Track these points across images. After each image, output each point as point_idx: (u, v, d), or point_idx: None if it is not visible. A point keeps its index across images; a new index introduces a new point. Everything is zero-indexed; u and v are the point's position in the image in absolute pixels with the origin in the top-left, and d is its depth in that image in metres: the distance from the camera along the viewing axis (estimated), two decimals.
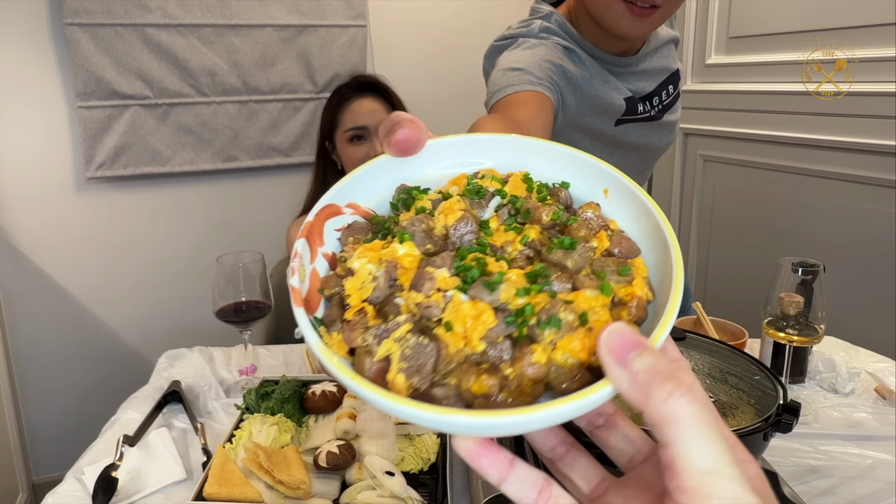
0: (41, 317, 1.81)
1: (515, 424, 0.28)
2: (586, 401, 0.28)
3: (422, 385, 0.30)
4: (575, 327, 0.30)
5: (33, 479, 1.90)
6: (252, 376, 1.05)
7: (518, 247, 0.34)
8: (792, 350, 0.98)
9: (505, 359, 0.30)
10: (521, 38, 0.99)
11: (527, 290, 0.31)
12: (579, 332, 0.30)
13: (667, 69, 1.08)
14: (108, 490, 0.77)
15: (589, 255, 0.33)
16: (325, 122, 1.39)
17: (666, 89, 1.09)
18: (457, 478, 0.81)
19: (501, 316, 0.30)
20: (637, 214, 0.36)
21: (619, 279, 0.32)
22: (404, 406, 0.27)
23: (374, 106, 1.35)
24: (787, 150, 1.71)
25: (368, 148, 1.32)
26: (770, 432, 0.66)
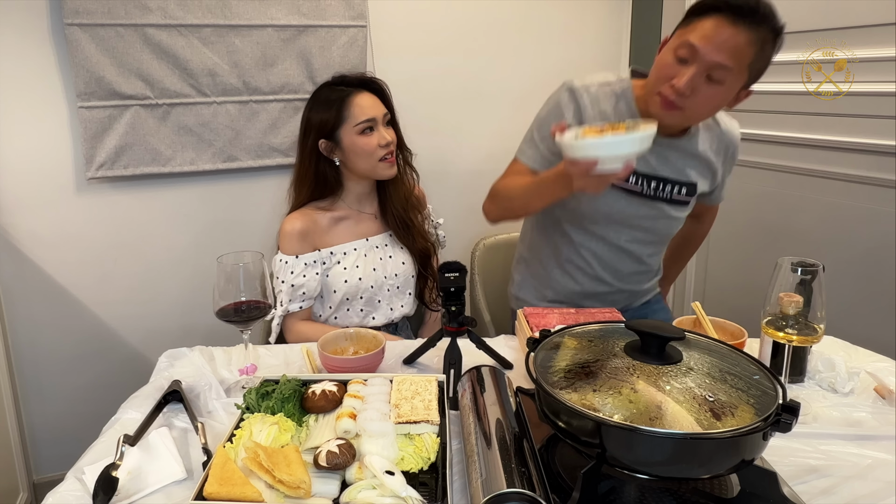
0: (41, 317, 1.81)
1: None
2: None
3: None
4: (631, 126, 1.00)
5: (34, 478, 1.90)
6: (252, 376, 1.05)
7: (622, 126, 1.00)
8: (791, 350, 0.98)
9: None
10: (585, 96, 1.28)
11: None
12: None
13: (685, 175, 1.30)
14: (109, 490, 0.77)
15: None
16: (326, 121, 1.39)
17: (676, 186, 1.30)
18: (457, 477, 0.81)
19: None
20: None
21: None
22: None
23: (374, 99, 1.41)
24: (788, 150, 1.72)
25: (378, 137, 1.39)
26: (769, 432, 0.66)
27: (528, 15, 2.13)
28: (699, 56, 1.08)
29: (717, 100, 1.14)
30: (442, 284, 1.05)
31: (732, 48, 1.07)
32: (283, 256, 1.41)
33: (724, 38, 1.07)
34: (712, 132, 1.33)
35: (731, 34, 1.06)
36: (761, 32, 1.08)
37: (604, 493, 0.74)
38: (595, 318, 1.18)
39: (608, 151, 0.95)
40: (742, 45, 1.07)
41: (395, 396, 0.90)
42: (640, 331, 0.76)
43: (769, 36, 1.10)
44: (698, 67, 1.09)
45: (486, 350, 1.13)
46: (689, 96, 1.11)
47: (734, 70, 1.09)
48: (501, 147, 2.22)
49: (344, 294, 1.43)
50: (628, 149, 0.95)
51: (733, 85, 1.13)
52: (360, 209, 1.50)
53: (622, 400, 0.69)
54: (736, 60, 1.08)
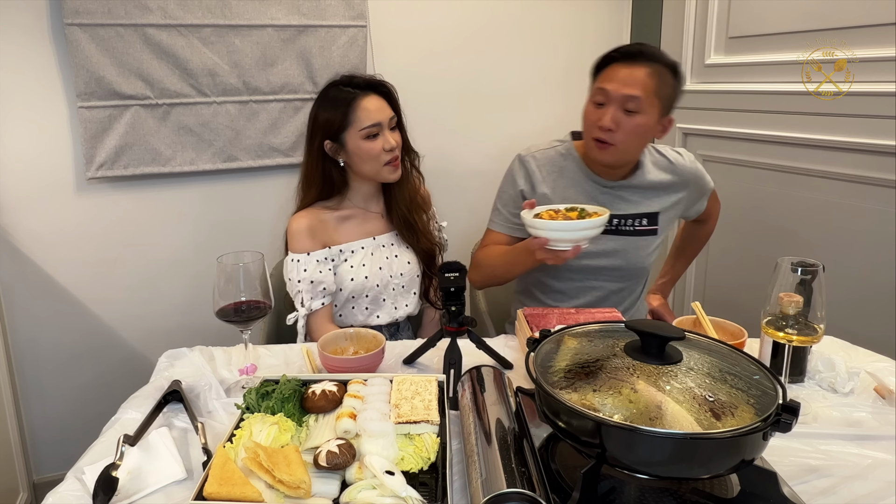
0: (41, 317, 1.81)
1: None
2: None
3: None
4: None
5: (34, 478, 1.90)
6: (252, 376, 1.05)
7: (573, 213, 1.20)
8: (791, 350, 0.98)
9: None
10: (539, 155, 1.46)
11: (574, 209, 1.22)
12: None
13: (643, 207, 1.43)
14: (109, 489, 0.77)
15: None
16: (332, 123, 1.38)
17: (637, 219, 1.43)
18: (457, 477, 0.81)
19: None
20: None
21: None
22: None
23: (381, 103, 1.40)
24: (788, 150, 1.71)
25: (383, 141, 1.38)
26: (769, 432, 0.66)
27: (528, 15, 2.13)
28: (611, 95, 1.28)
29: (641, 129, 1.30)
30: (442, 284, 1.05)
31: (635, 81, 1.26)
32: (295, 255, 1.40)
33: (626, 75, 1.27)
34: (660, 166, 1.46)
35: (630, 71, 1.27)
36: (655, 67, 1.28)
37: (604, 493, 0.74)
38: (595, 318, 1.18)
39: (556, 235, 1.11)
40: (642, 77, 1.26)
41: (395, 396, 0.90)
42: (640, 331, 0.76)
43: (665, 70, 1.29)
44: (614, 104, 1.28)
45: (486, 350, 1.13)
46: (615, 131, 1.28)
47: (644, 98, 1.26)
48: (501, 147, 2.23)
49: (350, 292, 1.44)
50: (573, 235, 1.11)
51: (650, 112, 1.29)
52: (366, 208, 1.50)
53: (622, 400, 0.69)
54: (642, 90, 1.26)
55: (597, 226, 1.13)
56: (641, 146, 1.37)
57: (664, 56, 1.31)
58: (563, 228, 1.11)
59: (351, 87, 1.40)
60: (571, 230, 1.11)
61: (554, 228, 1.11)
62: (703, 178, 1.51)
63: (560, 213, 1.19)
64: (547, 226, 1.12)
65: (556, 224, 1.12)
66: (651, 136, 1.34)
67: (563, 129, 1.54)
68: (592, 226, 1.12)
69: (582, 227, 1.11)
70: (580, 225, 1.11)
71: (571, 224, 1.11)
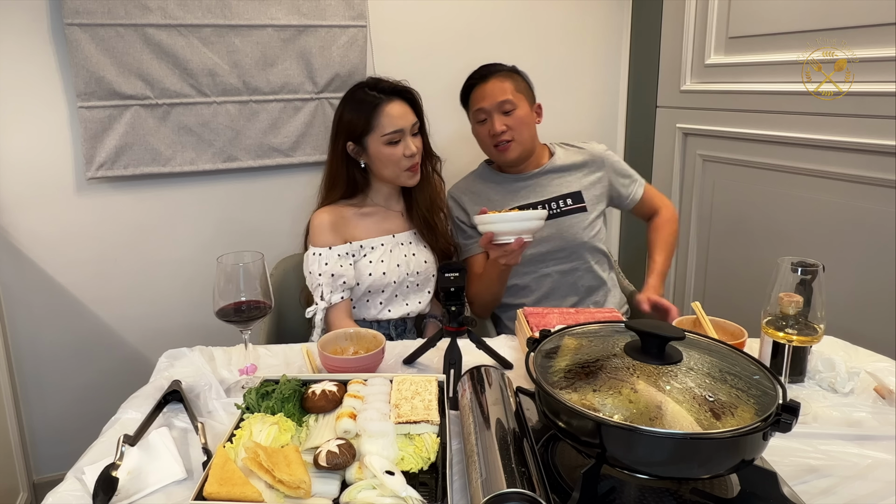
0: (41, 316, 1.81)
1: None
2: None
3: None
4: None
5: (34, 478, 1.90)
6: (252, 376, 1.05)
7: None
8: (791, 350, 0.98)
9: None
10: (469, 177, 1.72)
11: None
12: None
13: (563, 188, 1.60)
14: (109, 490, 0.77)
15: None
16: (355, 125, 1.41)
17: (560, 200, 1.59)
18: (457, 477, 0.81)
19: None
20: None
21: None
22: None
23: (405, 109, 1.43)
24: (787, 150, 1.71)
25: (404, 147, 1.41)
26: (769, 432, 0.66)
27: (528, 15, 2.13)
28: (487, 108, 1.53)
29: (523, 118, 1.54)
30: (442, 284, 1.05)
31: (499, 89, 1.53)
32: (316, 249, 1.42)
33: (490, 89, 1.53)
34: (570, 153, 1.66)
35: (490, 85, 1.54)
36: (503, 74, 1.56)
37: (604, 493, 0.74)
38: (595, 318, 1.18)
39: (498, 227, 1.25)
40: (501, 85, 1.53)
41: (395, 396, 0.90)
42: (640, 331, 0.76)
43: (510, 73, 1.57)
44: (493, 113, 1.53)
45: (486, 350, 1.13)
46: (506, 131, 1.52)
47: (512, 98, 1.52)
48: None
49: (368, 287, 1.45)
50: (511, 226, 1.25)
51: (522, 105, 1.54)
52: (387, 206, 1.53)
53: (622, 400, 0.69)
54: (508, 93, 1.52)
55: (533, 217, 1.25)
56: (532, 132, 1.58)
57: (503, 65, 1.59)
58: (502, 220, 1.25)
59: (377, 91, 1.42)
60: (509, 221, 1.25)
61: (493, 221, 1.25)
62: (618, 161, 1.68)
63: (504, 211, 1.33)
64: (487, 219, 1.25)
65: (496, 217, 1.25)
66: (533, 122, 1.57)
67: (561, 128, 1.56)
68: (528, 217, 1.25)
69: (519, 218, 1.25)
70: (517, 216, 1.25)
71: (509, 215, 1.25)
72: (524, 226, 1.25)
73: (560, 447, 0.84)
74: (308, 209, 1.52)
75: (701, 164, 2.04)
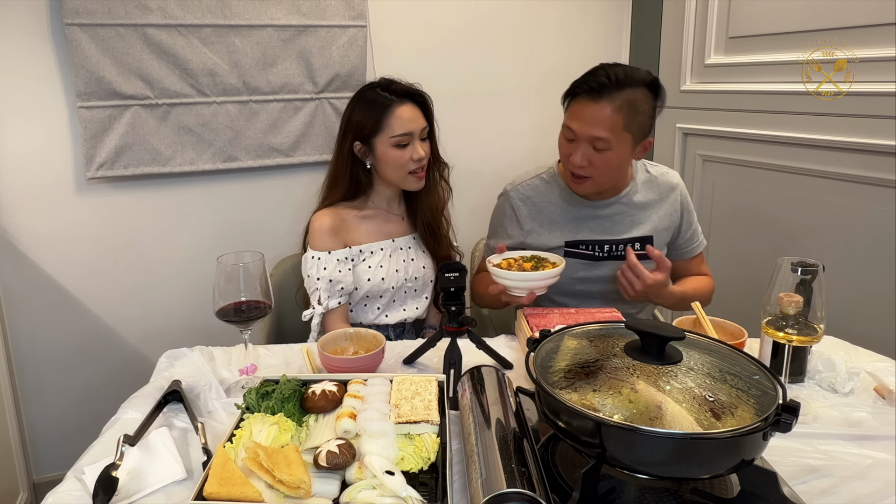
0: (41, 316, 1.81)
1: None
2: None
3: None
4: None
5: (34, 478, 1.90)
6: (252, 376, 1.05)
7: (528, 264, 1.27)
8: (791, 350, 0.98)
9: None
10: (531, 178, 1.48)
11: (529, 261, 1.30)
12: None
13: (635, 230, 1.41)
14: (109, 490, 0.77)
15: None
16: (364, 125, 1.39)
17: (629, 244, 1.39)
18: (457, 477, 0.81)
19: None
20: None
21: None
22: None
23: (415, 112, 1.41)
24: (788, 150, 1.71)
25: (412, 151, 1.39)
26: (769, 432, 0.66)
27: (528, 15, 2.13)
28: (577, 134, 1.27)
29: (614, 162, 1.28)
30: (442, 284, 1.05)
31: (600, 121, 1.23)
32: (315, 253, 1.41)
33: (591, 115, 1.24)
34: (650, 183, 1.45)
35: (594, 110, 1.23)
36: (624, 96, 1.22)
37: (604, 493, 0.74)
38: (595, 318, 1.18)
39: (510, 283, 1.21)
40: (607, 115, 1.23)
41: (395, 396, 0.90)
42: (640, 331, 0.76)
43: (637, 94, 1.23)
44: (582, 143, 1.27)
45: (486, 350, 1.13)
46: (587, 167, 1.28)
47: (611, 138, 1.24)
48: (501, 147, 2.23)
49: (366, 292, 1.45)
50: (525, 284, 1.21)
51: (621, 146, 1.26)
52: (388, 210, 1.51)
53: (622, 400, 0.69)
54: (608, 130, 1.23)
55: (546, 278, 1.20)
56: (619, 176, 1.37)
57: (635, 77, 1.24)
58: (515, 279, 1.20)
59: (388, 92, 1.40)
60: (524, 280, 1.20)
61: (507, 278, 1.20)
62: (690, 204, 1.48)
63: (517, 263, 1.27)
64: (501, 275, 1.21)
65: (509, 274, 1.20)
66: (628, 163, 1.35)
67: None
68: (541, 278, 1.20)
69: (531, 279, 1.20)
70: (530, 276, 1.20)
71: (523, 275, 1.20)
72: (539, 285, 1.21)
73: (560, 447, 0.84)
74: (308, 209, 1.51)
75: (701, 164, 2.04)
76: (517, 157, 2.19)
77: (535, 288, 1.21)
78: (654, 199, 1.43)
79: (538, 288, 1.21)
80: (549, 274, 1.20)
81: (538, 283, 1.20)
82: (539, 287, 1.21)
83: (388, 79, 1.44)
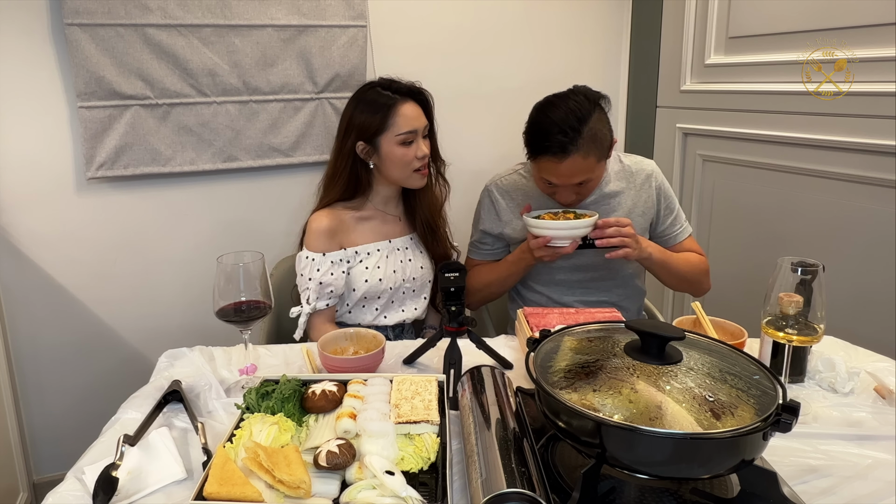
0: (41, 316, 1.81)
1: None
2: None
3: None
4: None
5: (34, 478, 1.90)
6: (252, 376, 1.05)
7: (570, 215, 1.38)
8: (791, 350, 0.98)
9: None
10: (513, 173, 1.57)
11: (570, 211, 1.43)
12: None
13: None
14: (109, 489, 0.77)
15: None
16: (369, 125, 1.38)
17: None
18: (457, 477, 0.81)
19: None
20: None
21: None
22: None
23: (418, 110, 1.42)
24: (788, 150, 1.71)
25: (416, 148, 1.40)
26: (769, 432, 0.66)
27: (528, 15, 2.13)
28: (557, 185, 1.36)
29: (597, 181, 1.42)
30: (442, 284, 1.05)
31: (577, 171, 1.31)
32: (310, 254, 1.41)
33: (565, 171, 1.31)
34: (623, 172, 1.51)
35: (567, 166, 1.30)
36: (586, 138, 1.28)
37: (604, 493, 0.74)
38: (595, 318, 1.18)
39: (558, 233, 1.30)
40: (580, 165, 1.30)
41: (395, 396, 0.90)
42: (640, 331, 0.76)
43: (593, 124, 1.28)
44: (566, 187, 1.36)
45: (486, 350, 1.13)
46: (575, 198, 1.41)
47: (591, 175, 1.34)
48: (501, 147, 2.23)
49: (363, 293, 1.44)
50: (573, 233, 1.30)
51: (599, 169, 1.36)
52: (385, 210, 1.51)
53: (622, 400, 0.69)
54: (586, 173, 1.33)
55: (590, 225, 1.31)
56: (597, 183, 1.45)
57: (582, 111, 1.28)
58: (565, 227, 1.30)
59: (391, 91, 1.40)
60: (571, 228, 1.30)
61: (557, 227, 1.30)
62: (669, 190, 1.52)
63: (560, 215, 1.38)
64: (551, 226, 1.31)
65: (559, 224, 1.31)
66: (604, 171, 1.45)
67: None
68: (587, 224, 1.31)
69: (579, 226, 1.31)
70: (577, 224, 1.31)
71: (571, 223, 1.31)
72: (580, 233, 1.31)
73: (560, 447, 0.84)
74: (308, 209, 1.51)
75: (701, 164, 2.04)
76: (517, 157, 2.18)
77: (578, 236, 1.31)
78: (626, 186, 1.50)
79: (580, 236, 1.31)
80: (589, 222, 1.30)
81: (581, 231, 1.30)
82: (580, 234, 1.31)
83: (388, 78, 1.45)
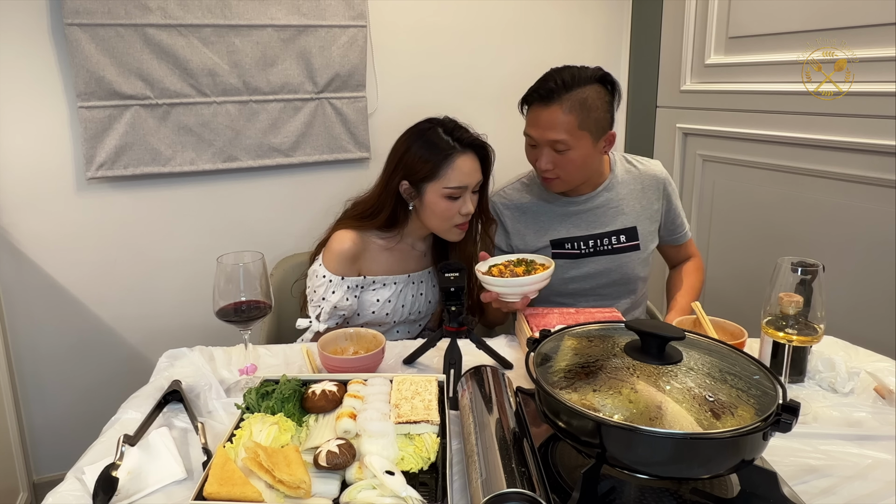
0: (41, 317, 1.81)
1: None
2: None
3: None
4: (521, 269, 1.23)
5: (34, 478, 1.90)
6: (252, 376, 1.05)
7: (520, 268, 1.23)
8: (791, 350, 0.98)
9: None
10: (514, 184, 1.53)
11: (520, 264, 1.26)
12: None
13: (618, 223, 1.44)
14: (109, 489, 0.77)
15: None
16: (419, 168, 1.30)
17: (615, 236, 1.43)
18: (457, 477, 0.81)
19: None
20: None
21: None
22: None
23: (475, 165, 1.34)
24: (787, 150, 1.71)
25: (462, 204, 1.33)
26: (769, 432, 0.66)
27: (528, 15, 2.13)
28: (537, 140, 1.31)
29: (578, 160, 1.32)
30: (442, 284, 1.05)
31: (555, 125, 1.27)
32: (328, 273, 1.36)
33: (545, 121, 1.28)
34: (631, 174, 1.47)
35: (547, 115, 1.28)
36: (574, 97, 1.26)
37: (604, 493, 0.74)
38: (595, 318, 1.18)
39: (502, 290, 1.18)
40: (560, 119, 1.27)
41: (395, 396, 0.90)
42: (640, 331, 0.76)
43: (587, 92, 1.27)
44: (544, 147, 1.31)
45: (486, 350, 1.13)
46: (553, 169, 1.32)
47: (568, 138, 1.28)
48: (501, 147, 2.22)
49: (367, 320, 1.42)
50: (518, 290, 1.17)
51: (581, 144, 1.29)
52: (412, 246, 1.46)
53: (622, 400, 0.69)
54: (563, 132, 1.27)
55: (539, 281, 1.18)
56: (589, 171, 1.39)
57: (584, 76, 1.29)
58: (508, 285, 1.17)
59: (452, 138, 1.31)
60: (516, 286, 1.17)
61: (499, 285, 1.17)
62: (675, 195, 1.51)
63: (508, 269, 1.24)
64: (492, 282, 1.18)
65: (501, 281, 1.17)
66: (595, 158, 1.35)
67: None
68: (535, 281, 1.17)
69: (525, 283, 1.17)
70: (523, 281, 1.17)
71: (515, 281, 1.17)
72: (531, 288, 1.19)
73: (560, 447, 0.84)
74: (308, 209, 1.51)
75: (701, 164, 2.04)
76: (517, 158, 2.18)
77: (529, 292, 1.19)
78: (634, 189, 1.46)
79: (531, 291, 1.19)
80: (542, 277, 1.17)
81: (531, 287, 1.18)
82: (532, 291, 1.19)
83: (453, 121, 1.36)
